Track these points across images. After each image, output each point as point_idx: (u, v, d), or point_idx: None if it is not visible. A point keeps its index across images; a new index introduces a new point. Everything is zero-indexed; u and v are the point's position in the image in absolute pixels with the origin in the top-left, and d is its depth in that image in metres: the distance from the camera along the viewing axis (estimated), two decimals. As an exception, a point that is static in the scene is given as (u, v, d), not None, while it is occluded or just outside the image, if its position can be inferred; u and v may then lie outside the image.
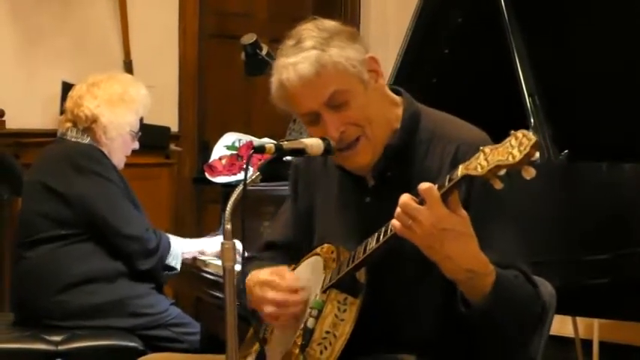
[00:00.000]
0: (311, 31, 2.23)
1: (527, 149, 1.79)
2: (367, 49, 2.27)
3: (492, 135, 2.29)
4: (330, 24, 2.26)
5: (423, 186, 1.95)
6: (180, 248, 3.72)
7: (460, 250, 1.99)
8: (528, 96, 3.40)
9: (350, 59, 2.19)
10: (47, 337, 3.47)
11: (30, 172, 3.85)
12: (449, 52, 3.76)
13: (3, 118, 5.38)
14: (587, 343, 4.87)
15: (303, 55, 2.19)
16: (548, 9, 3.56)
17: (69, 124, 3.71)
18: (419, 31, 3.65)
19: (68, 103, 3.76)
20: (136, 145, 3.81)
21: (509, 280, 2.09)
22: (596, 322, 4.86)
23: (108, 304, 3.54)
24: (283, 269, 2.33)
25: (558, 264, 3.14)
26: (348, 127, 2.22)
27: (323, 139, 2.25)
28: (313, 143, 2.24)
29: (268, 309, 2.28)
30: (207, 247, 3.80)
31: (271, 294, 2.27)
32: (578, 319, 4.66)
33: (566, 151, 3.31)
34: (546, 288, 2.38)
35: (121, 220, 3.56)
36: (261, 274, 2.32)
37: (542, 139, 3.31)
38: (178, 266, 3.70)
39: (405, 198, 1.97)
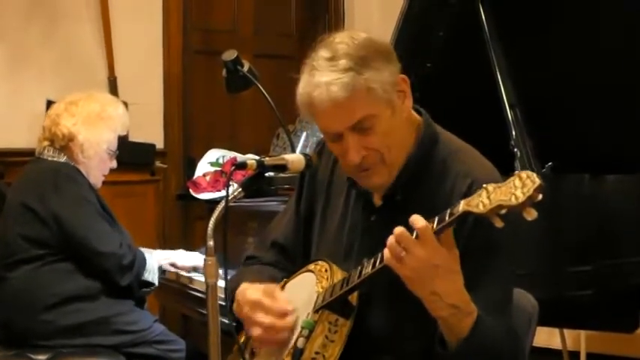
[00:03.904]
0: (347, 46, 2.15)
1: (531, 192, 1.78)
2: (399, 68, 2.20)
3: (477, 148, 2.30)
4: (365, 40, 2.18)
5: (418, 223, 1.93)
6: (156, 262, 3.72)
7: (447, 287, 1.98)
8: (510, 108, 3.41)
9: (384, 83, 2.13)
10: (32, 356, 3.47)
11: (10, 193, 3.83)
12: (431, 66, 3.78)
13: (-13, 137, 5.38)
14: (574, 355, 4.88)
15: (338, 76, 2.11)
16: (530, 22, 3.57)
17: (46, 143, 3.71)
18: (401, 46, 3.66)
19: (46, 122, 3.76)
20: (114, 165, 3.80)
21: (489, 326, 2.06)
22: (583, 334, 4.87)
23: (92, 322, 3.53)
24: (275, 289, 2.30)
25: (543, 276, 3.15)
26: (369, 152, 2.18)
27: (304, 154, 2.24)
28: (294, 159, 2.24)
29: (256, 332, 2.26)
30: (178, 260, 3.84)
31: (260, 317, 2.25)
32: (566, 330, 4.67)
33: (550, 163, 3.32)
34: (529, 300, 2.39)
35: (96, 238, 3.55)
36: (252, 293, 2.29)
37: (524, 151, 3.32)
38: (156, 281, 3.70)
39: (400, 229, 1.95)
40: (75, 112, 3.69)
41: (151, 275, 3.67)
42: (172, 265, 3.85)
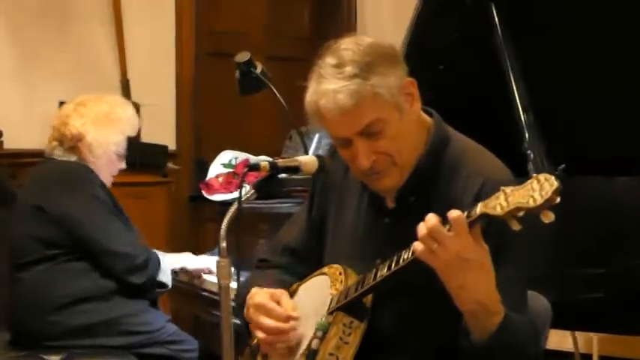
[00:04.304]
0: (353, 52, 2.16)
1: (549, 194, 1.79)
2: (406, 71, 2.22)
3: (490, 150, 2.30)
4: (371, 44, 2.19)
5: (454, 214, 1.93)
6: (169, 264, 3.71)
7: (476, 282, 1.98)
8: (523, 111, 3.41)
9: (390, 88, 2.14)
10: (45, 357, 3.46)
11: (20, 194, 3.83)
12: (444, 67, 3.77)
13: (1, 139, 5.39)
14: (586, 358, 4.87)
15: (344, 84, 2.13)
16: (543, 24, 3.57)
17: (55, 143, 3.72)
18: (414, 48, 3.66)
19: (55, 122, 3.76)
20: (123, 166, 3.79)
21: (516, 324, 2.07)
22: (595, 337, 4.86)
23: (104, 322, 3.52)
24: (281, 294, 2.32)
25: (554, 278, 3.14)
26: (379, 156, 2.19)
27: (317, 156, 2.25)
28: (307, 161, 2.25)
29: (259, 334, 2.28)
30: (188, 264, 3.83)
31: (263, 320, 2.27)
32: (578, 333, 4.65)
33: (562, 165, 3.32)
34: (542, 303, 2.39)
35: (108, 237, 3.54)
36: (259, 297, 2.31)
37: (537, 153, 3.32)
38: (169, 283, 3.68)
39: (434, 221, 1.95)
40: (84, 113, 3.70)
41: (165, 277, 3.65)
42: (183, 269, 3.84)
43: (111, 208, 3.61)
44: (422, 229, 1.96)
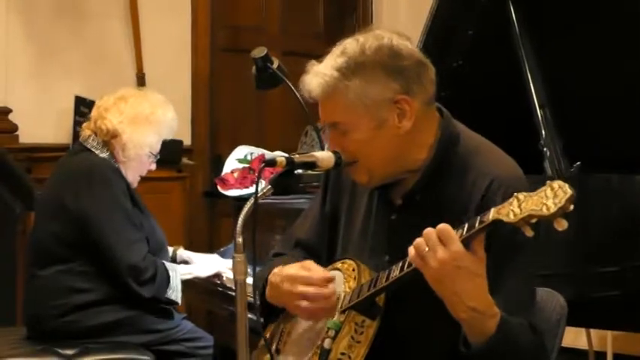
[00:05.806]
0: (357, 47, 2.17)
1: (563, 202, 1.78)
2: (408, 87, 2.18)
3: (505, 148, 2.29)
4: (381, 47, 2.17)
5: (440, 227, 1.94)
6: (180, 279, 3.61)
7: (469, 289, 1.98)
8: (540, 108, 3.40)
9: (367, 97, 2.15)
10: (60, 351, 3.46)
11: (45, 188, 3.76)
12: (460, 64, 3.76)
13: (16, 133, 5.40)
14: (601, 356, 4.86)
15: (325, 73, 2.16)
16: (560, 21, 3.56)
17: (89, 132, 3.66)
18: (430, 44, 3.65)
19: (93, 113, 3.70)
20: (153, 167, 3.75)
21: (513, 327, 2.06)
22: (609, 334, 4.85)
23: (119, 322, 3.51)
24: (310, 263, 2.31)
25: (570, 276, 3.14)
26: (344, 153, 2.22)
27: (334, 152, 2.25)
28: (324, 156, 2.24)
29: (302, 304, 2.25)
30: (200, 273, 3.76)
31: (303, 289, 2.24)
32: (592, 331, 4.65)
33: (578, 163, 3.31)
34: (558, 300, 2.38)
35: (120, 246, 3.45)
36: (289, 269, 2.30)
37: (554, 151, 3.31)
38: (179, 299, 3.61)
39: (428, 229, 1.96)
40: (123, 110, 3.64)
41: (175, 294, 3.57)
42: (196, 278, 3.77)
43: (129, 215, 3.53)
44: (419, 238, 1.97)
